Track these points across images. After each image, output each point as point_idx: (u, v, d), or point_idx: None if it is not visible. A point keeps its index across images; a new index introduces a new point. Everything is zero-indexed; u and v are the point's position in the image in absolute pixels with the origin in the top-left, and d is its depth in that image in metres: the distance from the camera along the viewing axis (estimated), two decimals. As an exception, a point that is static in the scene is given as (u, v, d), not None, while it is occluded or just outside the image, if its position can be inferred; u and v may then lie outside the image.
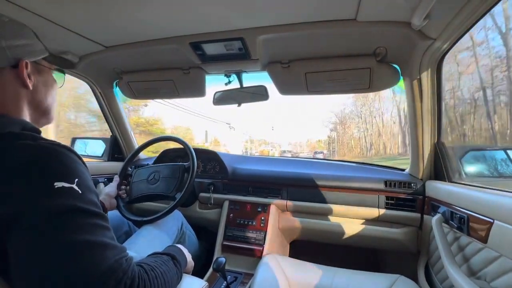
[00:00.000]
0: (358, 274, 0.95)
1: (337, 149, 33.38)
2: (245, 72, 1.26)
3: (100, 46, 1.09)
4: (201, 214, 1.45)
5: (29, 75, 0.52)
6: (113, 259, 0.40)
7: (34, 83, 0.54)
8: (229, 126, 27.08)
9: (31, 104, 0.54)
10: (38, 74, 0.55)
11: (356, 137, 32.59)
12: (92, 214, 0.42)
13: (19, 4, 0.77)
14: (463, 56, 10.72)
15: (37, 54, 0.55)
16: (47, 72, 0.59)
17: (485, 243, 0.67)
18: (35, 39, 0.55)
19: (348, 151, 32.02)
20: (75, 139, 1.77)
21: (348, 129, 33.69)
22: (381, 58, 1.01)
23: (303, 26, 0.88)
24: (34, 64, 0.54)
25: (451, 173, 1.02)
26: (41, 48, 0.56)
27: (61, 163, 0.43)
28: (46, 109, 0.58)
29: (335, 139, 34.85)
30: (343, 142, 34.01)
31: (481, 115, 10.23)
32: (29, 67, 0.52)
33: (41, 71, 0.56)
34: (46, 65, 0.58)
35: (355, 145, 31.99)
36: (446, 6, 0.67)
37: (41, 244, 0.37)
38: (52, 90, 0.60)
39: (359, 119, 31.90)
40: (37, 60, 0.55)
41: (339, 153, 32.79)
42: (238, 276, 1.17)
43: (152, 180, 1.17)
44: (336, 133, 35.53)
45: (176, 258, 0.61)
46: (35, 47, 0.54)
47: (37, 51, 0.55)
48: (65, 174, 0.42)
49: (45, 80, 0.57)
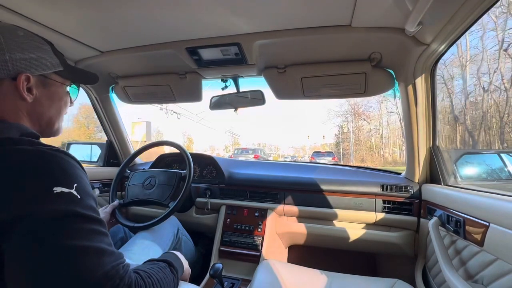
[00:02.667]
0: (356, 278, 0.95)
1: (352, 150, 24.06)
2: (242, 77, 1.27)
3: (96, 51, 1.08)
4: (197, 219, 1.43)
5: (31, 88, 0.52)
6: (110, 265, 0.40)
7: (36, 96, 0.54)
8: (177, 116, 18.33)
9: (31, 116, 0.54)
10: (44, 87, 0.55)
11: (376, 133, 23.31)
12: (91, 219, 0.42)
13: (14, 9, 0.77)
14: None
15: (46, 68, 0.55)
16: (57, 86, 0.58)
17: (482, 246, 0.67)
18: (49, 53, 0.56)
19: (367, 154, 23.23)
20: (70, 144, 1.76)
21: (368, 119, 24.01)
22: (376, 63, 1.03)
23: (299, 31, 0.89)
24: (41, 77, 0.55)
25: (447, 176, 1.03)
26: (53, 63, 0.56)
27: (60, 168, 0.43)
28: (49, 121, 0.58)
29: (351, 136, 24.86)
30: (359, 140, 25.13)
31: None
32: (32, 80, 0.52)
33: (48, 84, 0.56)
34: (58, 80, 0.58)
35: (376, 145, 23.24)
36: (438, 12, 0.68)
37: (38, 249, 0.37)
38: (59, 103, 0.59)
39: (380, 105, 22.81)
40: (46, 74, 0.55)
41: (355, 157, 23.65)
42: (236, 282, 1.16)
43: (148, 185, 1.17)
44: (346, 126, 25.62)
45: (173, 265, 0.61)
46: (44, 62, 0.54)
47: (47, 65, 0.55)
48: (63, 179, 0.42)
49: (52, 93, 0.57)
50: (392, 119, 22.43)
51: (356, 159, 23.77)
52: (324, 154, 16.05)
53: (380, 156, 22.93)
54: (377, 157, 22.95)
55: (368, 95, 1.17)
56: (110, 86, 1.43)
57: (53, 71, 0.56)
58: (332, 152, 18.50)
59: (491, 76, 9.09)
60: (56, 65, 0.57)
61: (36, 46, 0.53)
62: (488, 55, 9.25)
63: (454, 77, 10.47)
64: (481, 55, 9.50)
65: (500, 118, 8.37)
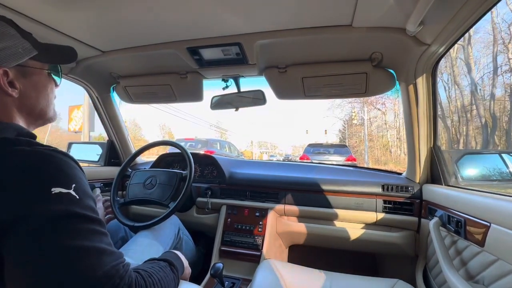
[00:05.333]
0: (357, 278, 0.95)
1: (367, 146, 17.54)
2: (243, 77, 1.27)
3: (97, 51, 1.09)
4: (198, 219, 1.44)
5: (12, 82, 0.49)
6: (110, 265, 0.40)
7: (21, 89, 0.50)
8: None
9: (22, 110, 0.52)
10: (25, 78, 0.51)
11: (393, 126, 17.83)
12: (90, 219, 0.42)
13: (15, 8, 0.77)
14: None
15: (21, 56, 0.49)
16: (38, 73, 0.54)
17: (482, 246, 0.67)
18: (17, 38, 0.49)
19: (381, 152, 17.98)
20: (71, 143, 1.76)
21: (383, 109, 18.40)
22: (377, 63, 1.03)
23: (300, 31, 0.89)
24: (18, 67, 0.50)
25: (448, 176, 1.02)
26: (26, 48, 0.50)
27: (58, 169, 0.42)
28: (41, 112, 0.56)
29: (364, 127, 18.70)
30: (370, 135, 19.22)
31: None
32: (11, 73, 0.48)
33: (29, 73, 0.52)
34: (37, 65, 0.53)
35: (392, 142, 17.72)
36: (439, 13, 0.68)
37: (37, 250, 0.37)
38: (45, 91, 0.56)
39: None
40: (22, 62, 0.50)
41: (370, 156, 18.00)
42: (236, 282, 1.16)
43: (149, 185, 1.17)
44: (356, 115, 19.53)
45: (173, 264, 0.61)
46: (16, 49, 0.48)
47: (20, 53, 0.49)
48: (62, 179, 0.42)
49: (35, 82, 0.53)
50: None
51: (371, 160, 17.87)
52: (329, 150, 8.64)
53: (397, 156, 17.50)
54: (397, 157, 17.16)
55: (369, 95, 1.17)
56: (111, 86, 1.43)
57: (28, 58, 0.51)
58: (346, 145, 9.99)
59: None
60: (29, 50, 0.51)
61: (1, 33, 0.47)
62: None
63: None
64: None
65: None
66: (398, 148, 18.30)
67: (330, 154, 8.42)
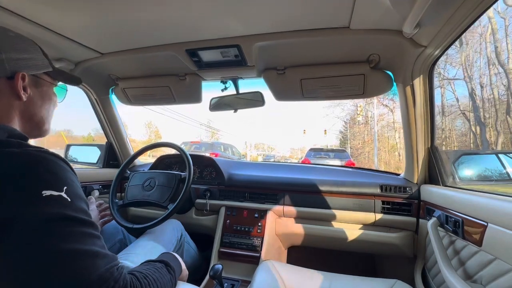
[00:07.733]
0: (356, 279, 0.95)
1: (376, 148, 14.70)
2: (241, 79, 1.27)
3: (96, 53, 1.09)
4: (197, 220, 1.43)
5: (25, 87, 0.53)
6: (103, 268, 0.40)
7: (30, 95, 0.55)
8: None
9: (23, 115, 0.55)
10: (36, 87, 0.57)
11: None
12: (82, 222, 0.42)
13: (14, 10, 0.77)
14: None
15: (38, 68, 0.57)
16: (47, 86, 0.60)
17: (480, 246, 0.67)
18: (39, 54, 0.57)
19: (389, 155, 15.84)
20: (69, 146, 1.75)
21: (391, 106, 15.98)
22: (375, 64, 1.04)
23: (298, 33, 0.90)
24: (33, 77, 0.56)
25: (445, 177, 1.03)
26: (44, 63, 0.58)
27: (49, 171, 0.42)
28: (40, 122, 0.58)
29: (374, 125, 15.58)
30: (379, 138, 16.29)
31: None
32: (27, 79, 0.53)
33: (40, 84, 0.58)
34: (48, 80, 0.60)
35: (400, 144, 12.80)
36: (436, 15, 0.69)
37: (29, 253, 0.36)
38: (49, 103, 0.61)
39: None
40: (38, 74, 0.57)
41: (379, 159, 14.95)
42: (235, 283, 1.16)
43: (148, 186, 1.17)
44: (362, 111, 16.51)
45: (170, 264, 0.61)
46: (37, 62, 0.56)
47: (39, 65, 0.57)
48: (53, 182, 0.41)
49: (43, 93, 0.59)
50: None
51: (381, 163, 15.65)
52: (330, 154, 9.56)
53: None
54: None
55: (366, 96, 1.17)
56: (110, 88, 1.43)
57: (43, 71, 0.58)
58: (345, 150, 11.39)
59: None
60: (47, 66, 0.59)
61: (27, 47, 0.55)
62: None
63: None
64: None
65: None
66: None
67: (330, 158, 9.21)
